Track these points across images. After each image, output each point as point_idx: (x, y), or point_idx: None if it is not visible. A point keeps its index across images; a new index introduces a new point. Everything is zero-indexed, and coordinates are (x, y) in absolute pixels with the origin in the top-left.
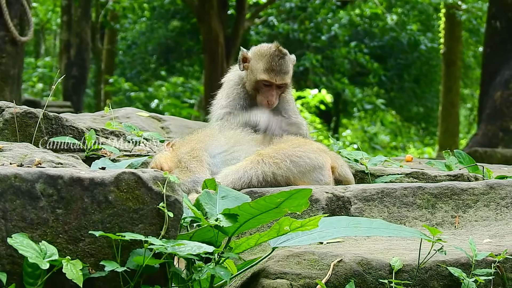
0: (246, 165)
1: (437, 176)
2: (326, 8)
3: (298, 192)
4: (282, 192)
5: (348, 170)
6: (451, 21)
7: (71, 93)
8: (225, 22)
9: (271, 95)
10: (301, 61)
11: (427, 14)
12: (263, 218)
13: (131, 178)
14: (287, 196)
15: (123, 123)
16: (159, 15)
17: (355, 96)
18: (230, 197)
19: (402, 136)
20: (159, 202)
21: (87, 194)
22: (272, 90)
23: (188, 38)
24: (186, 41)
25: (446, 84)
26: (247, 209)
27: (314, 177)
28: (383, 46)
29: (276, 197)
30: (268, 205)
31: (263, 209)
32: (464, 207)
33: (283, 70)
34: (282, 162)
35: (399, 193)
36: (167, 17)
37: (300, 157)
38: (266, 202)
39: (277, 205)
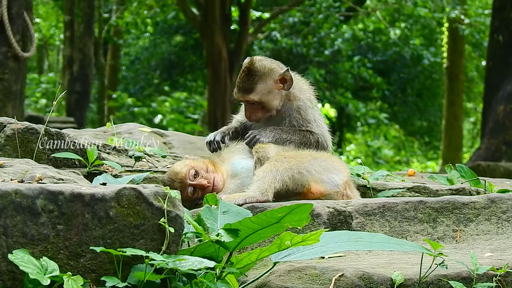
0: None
1: (438, 190)
2: (329, 23)
3: (299, 207)
4: (283, 207)
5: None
6: (454, 35)
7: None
8: (228, 37)
9: (247, 110)
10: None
11: (430, 29)
12: (264, 233)
13: (132, 193)
14: (288, 211)
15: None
16: (162, 30)
17: (359, 111)
18: (232, 212)
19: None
20: (160, 217)
21: (88, 209)
22: (247, 106)
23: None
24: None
25: (449, 98)
26: (248, 224)
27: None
28: (386, 61)
29: (277, 212)
30: (269, 220)
31: (264, 224)
32: (465, 221)
33: (244, 87)
34: (299, 163)
35: (401, 208)
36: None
37: (317, 158)
38: (267, 217)
39: (278, 220)
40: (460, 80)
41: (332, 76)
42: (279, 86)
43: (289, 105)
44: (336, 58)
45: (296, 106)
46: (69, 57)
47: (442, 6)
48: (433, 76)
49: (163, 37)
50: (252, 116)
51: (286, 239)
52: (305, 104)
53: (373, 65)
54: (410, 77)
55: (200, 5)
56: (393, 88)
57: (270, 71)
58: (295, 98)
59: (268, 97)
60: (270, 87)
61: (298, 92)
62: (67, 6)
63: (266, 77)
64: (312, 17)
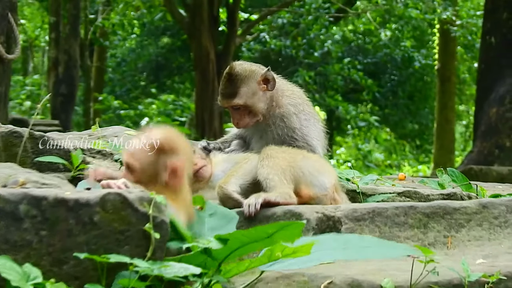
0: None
1: (429, 195)
2: (318, 24)
3: (291, 225)
4: (275, 224)
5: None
6: (446, 37)
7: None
8: (216, 39)
9: (234, 118)
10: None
11: (421, 30)
12: (254, 246)
13: (116, 198)
14: (279, 227)
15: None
16: (149, 32)
17: (349, 113)
18: (218, 214)
19: (397, 154)
20: (146, 223)
21: (72, 215)
22: (234, 113)
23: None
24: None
25: (441, 101)
26: (238, 236)
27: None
28: (377, 63)
29: (267, 228)
30: (260, 235)
31: (255, 238)
32: (456, 226)
33: (227, 93)
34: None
35: (391, 213)
36: (157, 33)
37: (308, 158)
38: (257, 232)
39: (269, 235)
40: (452, 82)
41: (322, 78)
42: (263, 87)
43: (272, 111)
44: (326, 60)
45: (279, 113)
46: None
47: (433, 8)
48: (424, 78)
49: (150, 38)
50: (240, 122)
51: (276, 250)
52: (288, 110)
53: (363, 67)
54: (401, 79)
55: (188, 6)
56: (384, 91)
57: (251, 72)
58: (278, 104)
59: (253, 99)
60: (254, 89)
61: (281, 98)
62: (53, 7)
63: (248, 80)
64: (301, 19)
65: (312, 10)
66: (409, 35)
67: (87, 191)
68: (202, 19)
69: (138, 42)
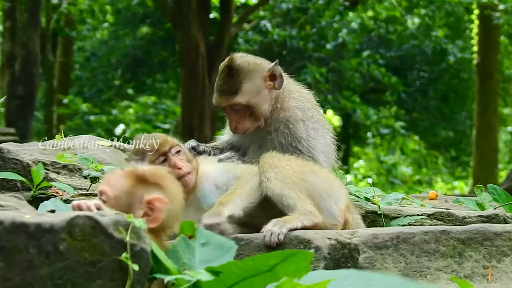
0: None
1: (466, 217)
2: (331, 10)
3: (296, 255)
4: (276, 253)
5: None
6: (486, 25)
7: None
8: (206, 28)
9: (232, 120)
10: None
11: (456, 17)
12: (255, 281)
13: (86, 223)
14: (282, 258)
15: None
16: (125, 20)
17: (369, 118)
18: (212, 244)
19: (428, 168)
20: (122, 252)
21: (33, 243)
22: (232, 114)
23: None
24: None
25: (481, 102)
26: (233, 269)
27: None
28: (403, 57)
29: (268, 258)
30: (258, 267)
31: (254, 271)
32: (498, 255)
33: (226, 89)
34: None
35: (419, 239)
36: (134, 22)
37: (317, 174)
38: (256, 263)
39: (270, 268)
40: (494, 80)
41: (336, 75)
42: (269, 84)
43: (276, 115)
44: (341, 53)
45: (284, 118)
46: (10, 53)
47: None
48: (460, 75)
49: (126, 28)
50: (239, 126)
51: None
52: (295, 115)
53: (386, 62)
54: (432, 76)
55: None
56: (411, 91)
57: (256, 66)
58: (283, 107)
59: (257, 99)
60: (259, 86)
61: (287, 100)
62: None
63: (253, 74)
64: (310, 3)
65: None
66: (442, 22)
67: (51, 214)
68: (189, 4)
69: (112, 33)
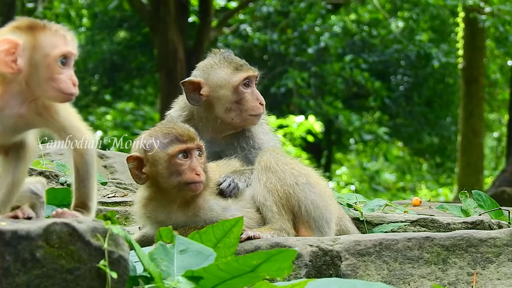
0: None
1: (450, 223)
2: (313, 13)
3: (279, 254)
4: (259, 253)
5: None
6: (472, 28)
7: None
8: (185, 32)
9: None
10: (283, 80)
11: (441, 20)
12: (235, 283)
13: (63, 230)
14: (265, 258)
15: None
16: (102, 24)
17: (352, 124)
18: (191, 251)
19: (412, 174)
20: (100, 259)
21: (9, 250)
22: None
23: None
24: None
25: (466, 108)
26: (215, 271)
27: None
28: (386, 61)
29: (251, 258)
30: (241, 268)
31: (235, 272)
32: (483, 262)
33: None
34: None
35: (402, 246)
36: (112, 26)
37: (312, 185)
38: (239, 264)
39: (252, 269)
40: (480, 84)
41: (318, 80)
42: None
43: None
44: (323, 57)
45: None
46: None
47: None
48: (445, 80)
49: (103, 32)
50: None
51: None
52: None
53: (369, 67)
54: (416, 81)
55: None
56: (395, 96)
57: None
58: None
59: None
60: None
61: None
62: None
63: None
64: (291, 6)
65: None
66: (426, 26)
67: (28, 221)
68: (167, 7)
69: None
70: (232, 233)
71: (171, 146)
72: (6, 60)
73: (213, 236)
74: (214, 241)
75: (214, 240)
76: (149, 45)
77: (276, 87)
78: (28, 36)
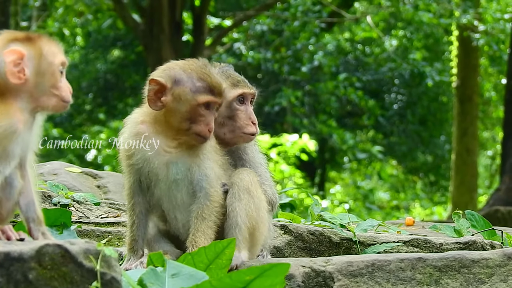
0: None
1: (443, 244)
2: (307, 32)
3: (272, 268)
4: (252, 268)
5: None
6: (466, 47)
7: None
8: (179, 51)
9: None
10: (277, 99)
11: (435, 38)
12: None
13: (56, 251)
14: (258, 273)
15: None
16: (95, 43)
17: (345, 143)
18: (183, 275)
19: (406, 193)
20: (92, 281)
21: (1, 272)
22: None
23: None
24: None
25: (460, 126)
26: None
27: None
28: (380, 80)
29: (245, 273)
30: (234, 284)
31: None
32: (476, 282)
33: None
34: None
35: (394, 266)
36: (105, 45)
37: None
38: (232, 281)
39: (245, 285)
40: (473, 103)
41: (312, 99)
42: None
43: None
44: (317, 76)
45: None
46: None
47: (450, 10)
48: (439, 98)
49: (96, 51)
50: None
51: None
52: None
53: (363, 85)
54: (410, 100)
55: (144, 11)
56: (389, 114)
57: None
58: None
59: None
60: None
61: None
62: None
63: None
64: (285, 25)
65: (299, 14)
66: (420, 44)
67: (20, 242)
68: (161, 26)
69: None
70: (224, 254)
71: (202, 94)
72: (14, 71)
73: (205, 257)
74: (207, 262)
75: (206, 261)
76: (143, 63)
77: (270, 106)
78: (31, 46)
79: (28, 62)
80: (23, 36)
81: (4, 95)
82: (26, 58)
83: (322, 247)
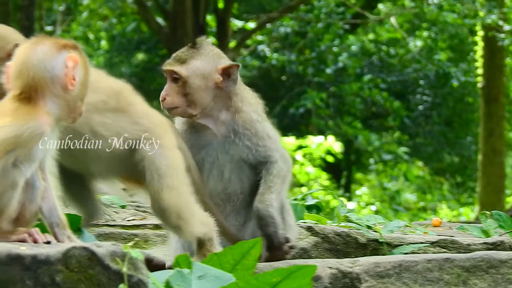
0: None
1: (470, 244)
2: (331, 33)
3: (299, 270)
4: (279, 270)
5: None
6: (491, 47)
7: None
8: None
9: (166, 89)
10: (301, 101)
11: (460, 39)
12: None
13: (83, 254)
14: (285, 274)
15: None
16: (120, 47)
17: (371, 144)
18: (209, 277)
19: (432, 194)
20: (119, 283)
21: (29, 275)
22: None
23: (157, 75)
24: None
25: (486, 127)
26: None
27: None
28: (405, 81)
29: (271, 275)
30: (261, 286)
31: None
32: (504, 283)
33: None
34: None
35: (422, 267)
36: (130, 48)
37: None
38: (258, 282)
39: (272, 286)
40: (499, 103)
41: (337, 100)
42: (218, 78)
43: (231, 118)
44: (341, 77)
45: (242, 120)
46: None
47: (474, 10)
48: (465, 99)
49: (121, 54)
50: (168, 98)
51: None
52: (250, 116)
53: (388, 86)
54: (435, 101)
55: (168, 14)
56: (414, 115)
57: (216, 56)
58: (238, 109)
59: (198, 83)
60: (208, 73)
61: (241, 103)
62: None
63: (209, 60)
64: (309, 27)
65: (323, 16)
66: (445, 45)
67: (47, 245)
68: (185, 29)
69: (107, 60)
70: (250, 255)
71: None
72: (71, 77)
73: (232, 258)
74: (233, 262)
75: (232, 262)
76: None
77: (294, 108)
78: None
79: (78, 70)
80: (71, 44)
81: (33, 98)
82: (78, 66)
83: (348, 248)
